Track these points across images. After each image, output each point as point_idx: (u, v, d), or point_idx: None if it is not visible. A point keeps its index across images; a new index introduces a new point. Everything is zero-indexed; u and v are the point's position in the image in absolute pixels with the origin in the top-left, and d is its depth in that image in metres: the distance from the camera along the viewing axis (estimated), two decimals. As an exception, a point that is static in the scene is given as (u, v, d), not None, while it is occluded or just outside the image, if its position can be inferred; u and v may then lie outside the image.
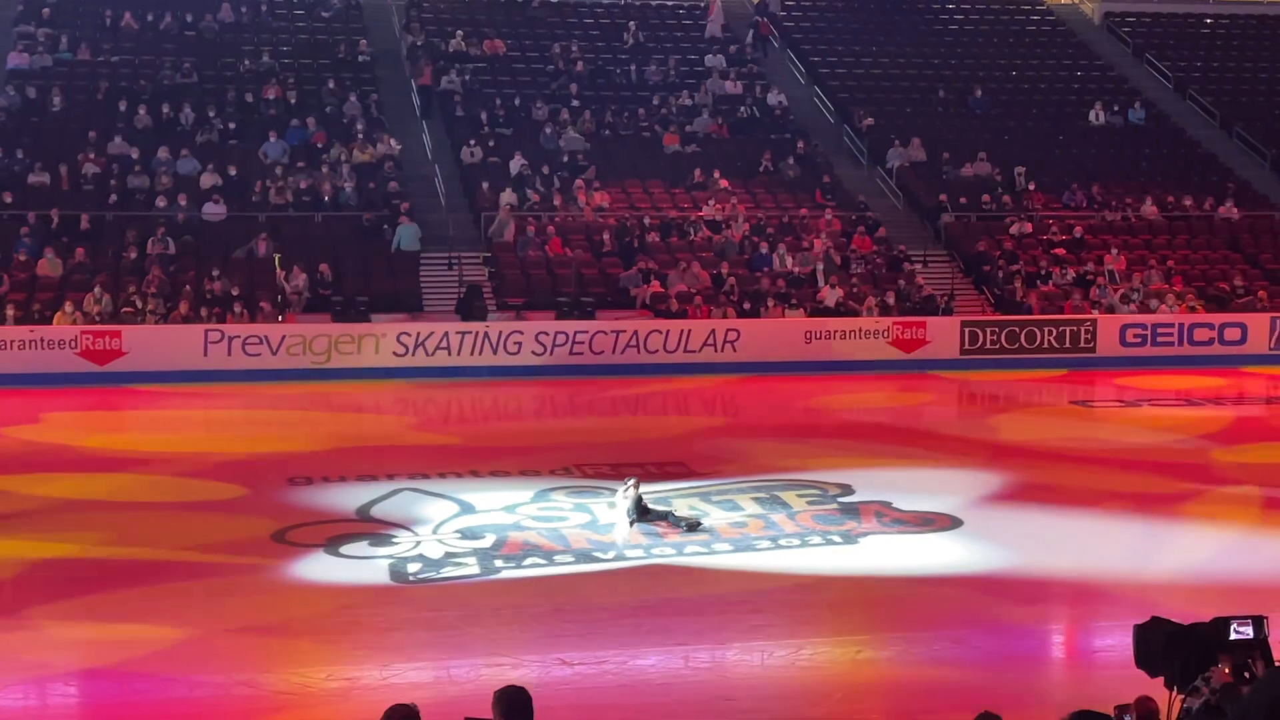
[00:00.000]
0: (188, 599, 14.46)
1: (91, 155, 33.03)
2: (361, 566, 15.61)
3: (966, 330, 31.39)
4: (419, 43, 38.12)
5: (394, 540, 16.47)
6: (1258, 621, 7.63)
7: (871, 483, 19.43)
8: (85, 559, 15.88)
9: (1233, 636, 7.56)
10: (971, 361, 30.98)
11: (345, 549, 16.18)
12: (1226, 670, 7.44)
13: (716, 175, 35.25)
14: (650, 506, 17.11)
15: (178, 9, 38.60)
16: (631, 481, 17.33)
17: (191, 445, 22.58)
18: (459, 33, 39.35)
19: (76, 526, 17.35)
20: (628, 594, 14.86)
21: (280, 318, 29.17)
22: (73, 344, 27.75)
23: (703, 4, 42.65)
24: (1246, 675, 7.46)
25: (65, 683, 12.53)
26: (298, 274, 30.24)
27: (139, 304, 28.88)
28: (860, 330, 30.81)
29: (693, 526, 16.78)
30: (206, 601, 14.42)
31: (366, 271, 31.48)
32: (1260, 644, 7.58)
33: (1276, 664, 7.46)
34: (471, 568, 15.45)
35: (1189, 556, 16.31)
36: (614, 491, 17.83)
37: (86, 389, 26.84)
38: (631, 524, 16.86)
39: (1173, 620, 7.95)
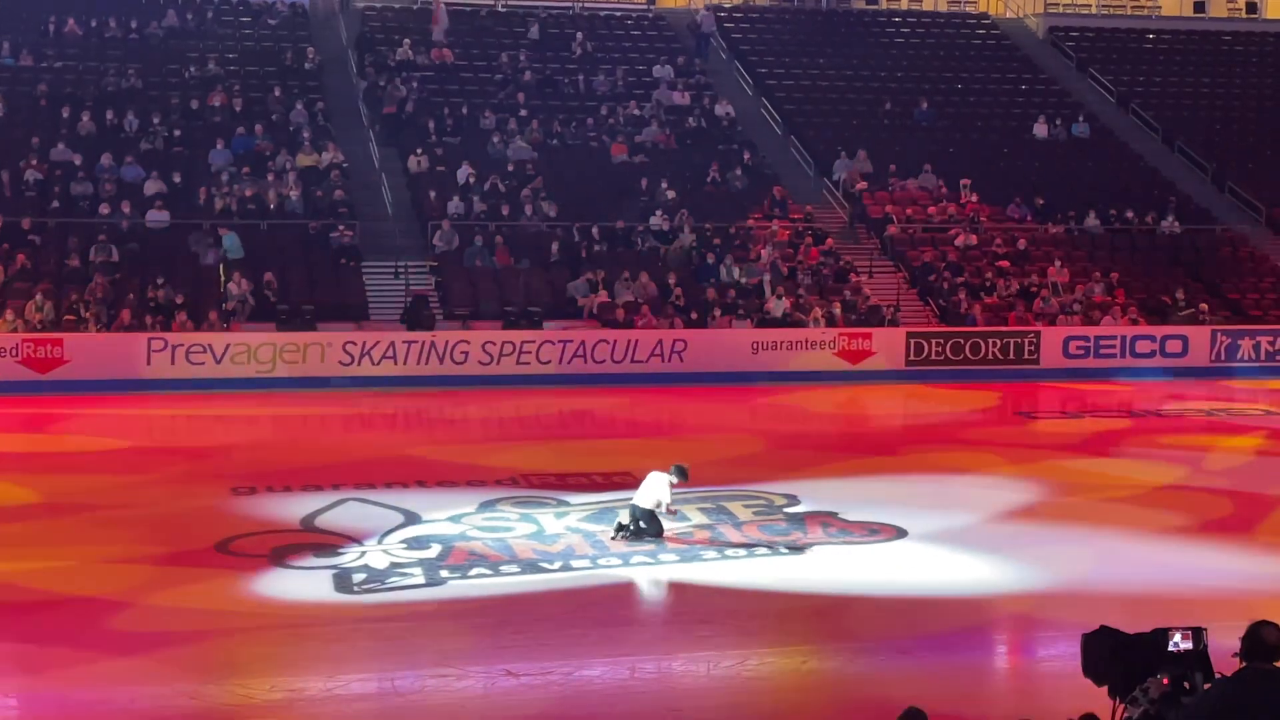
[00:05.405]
0: (129, 609, 14.33)
1: (34, 161, 32.71)
2: (306, 577, 15.53)
3: (912, 341, 31.56)
4: (381, 82, 37.56)
5: (339, 550, 16.38)
6: (1196, 633, 7.69)
7: (817, 493, 19.51)
8: (23, 568, 15.69)
9: (1171, 647, 7.61)
10: (917, 373, 31.16)
11: (290, 559, 16.09)
12: (1165, 681, 7.49)
13: (664, 185, 35.29)
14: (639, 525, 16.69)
15: (122, 15, 38.32)
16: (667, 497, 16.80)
17: (133, 454, 22.38)
18: (406, 41, 39.22)
19: (14, 534, 17.17)
20: (573, 605, 14.84)
21: (225, 326, 28.96)
22: (14, 352, 27.47)
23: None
24: (1186, 685, 7.51)
25: (0, 695, 12.37)
26: (243, 282, 30.04)
27: (81, 312, 28.62)
28: (806, 341, 30.93)
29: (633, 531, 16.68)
30: (148, 611, 14.29)
31: (312, 280, 31.31)
32: (1199, 655, 7.63)
33: (1216, 675, 7.52)
34: (417, 578, 15.40)
35: (1138, 568, 16.40)
36: (559, 503, 17.71)
37: (27, 397, 26.56)
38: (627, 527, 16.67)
39: (1120, 630, 7.99)
